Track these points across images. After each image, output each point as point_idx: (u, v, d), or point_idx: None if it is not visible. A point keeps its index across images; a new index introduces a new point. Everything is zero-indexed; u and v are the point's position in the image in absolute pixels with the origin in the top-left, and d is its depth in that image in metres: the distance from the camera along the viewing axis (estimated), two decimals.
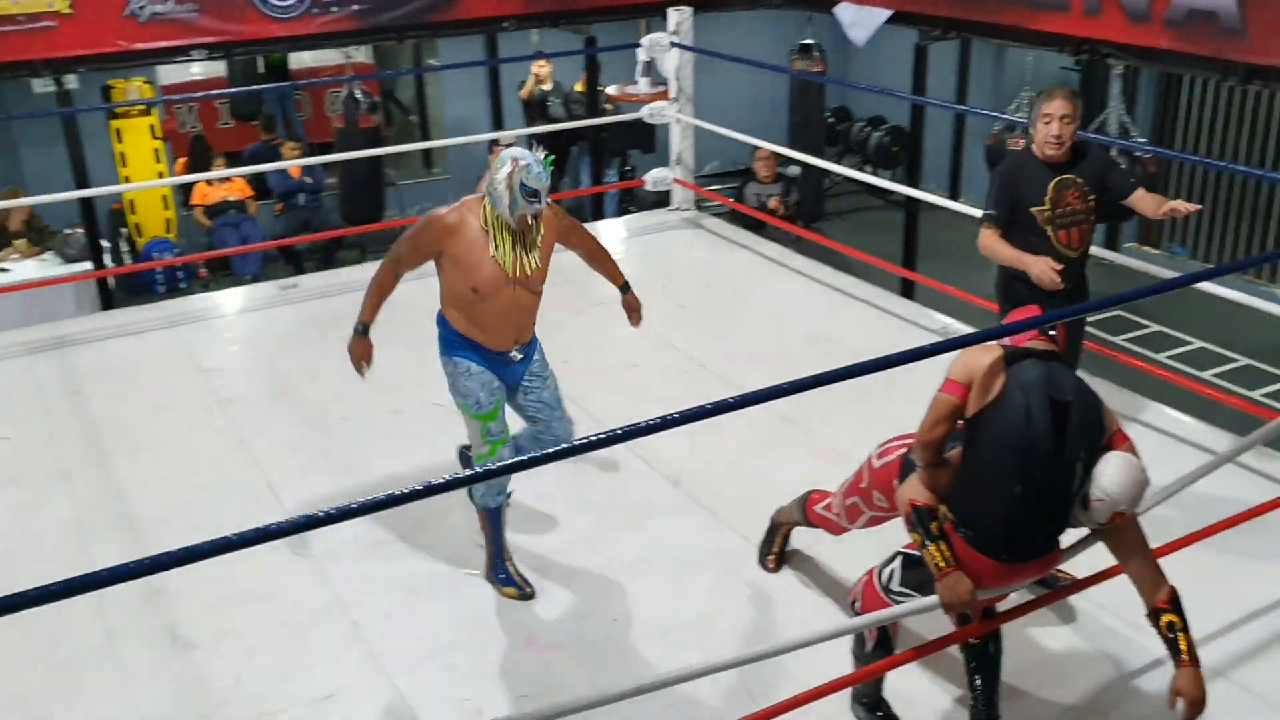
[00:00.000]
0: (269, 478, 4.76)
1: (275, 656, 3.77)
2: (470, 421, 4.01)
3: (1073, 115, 4.11)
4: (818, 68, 10.23)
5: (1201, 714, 2.96)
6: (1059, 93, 4.14)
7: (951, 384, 3.06)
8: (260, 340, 6.35)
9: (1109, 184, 4.27)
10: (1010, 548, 3.05)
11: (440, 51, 11.89)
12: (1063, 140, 4.10)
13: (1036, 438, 2.92)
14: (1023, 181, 4.19)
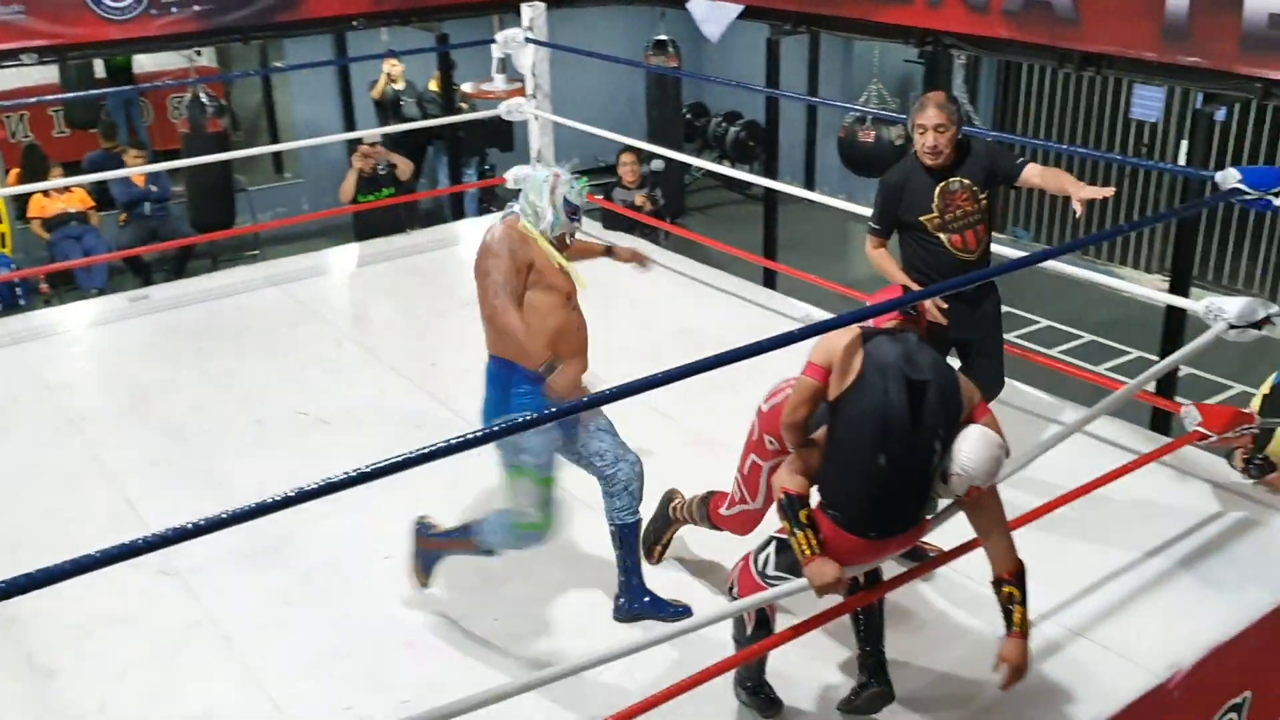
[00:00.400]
0: (128, 494, 4.60)
1: (144, 678, 3.64)
2: (528, 488, 3.60)
3: (946, 123, 4.05)
4: (673, 64, 10.33)
5: (1021, 680, 3.13)
6: (931, 101, 4.11)
7: (812, 367, 3.14)
8: (111, 354, 6.13)
9: (997, 173, 4.19)
10: (876, 524, 3.15)
11: (287, 53, 11.62)
12: (939, 149, 4.07)
13: (894, 416, 3.01)
14: (907, 192, 4.18)
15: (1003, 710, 3.42)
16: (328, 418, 5.24)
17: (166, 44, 8.73)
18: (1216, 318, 4.16)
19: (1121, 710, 3.39)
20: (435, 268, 7.23)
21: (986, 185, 4.19)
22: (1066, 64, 6.61)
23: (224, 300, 6.70)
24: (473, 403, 5.19)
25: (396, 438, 4.83)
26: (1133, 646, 3.64)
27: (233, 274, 7.52)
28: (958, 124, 4.10)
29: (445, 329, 6.32)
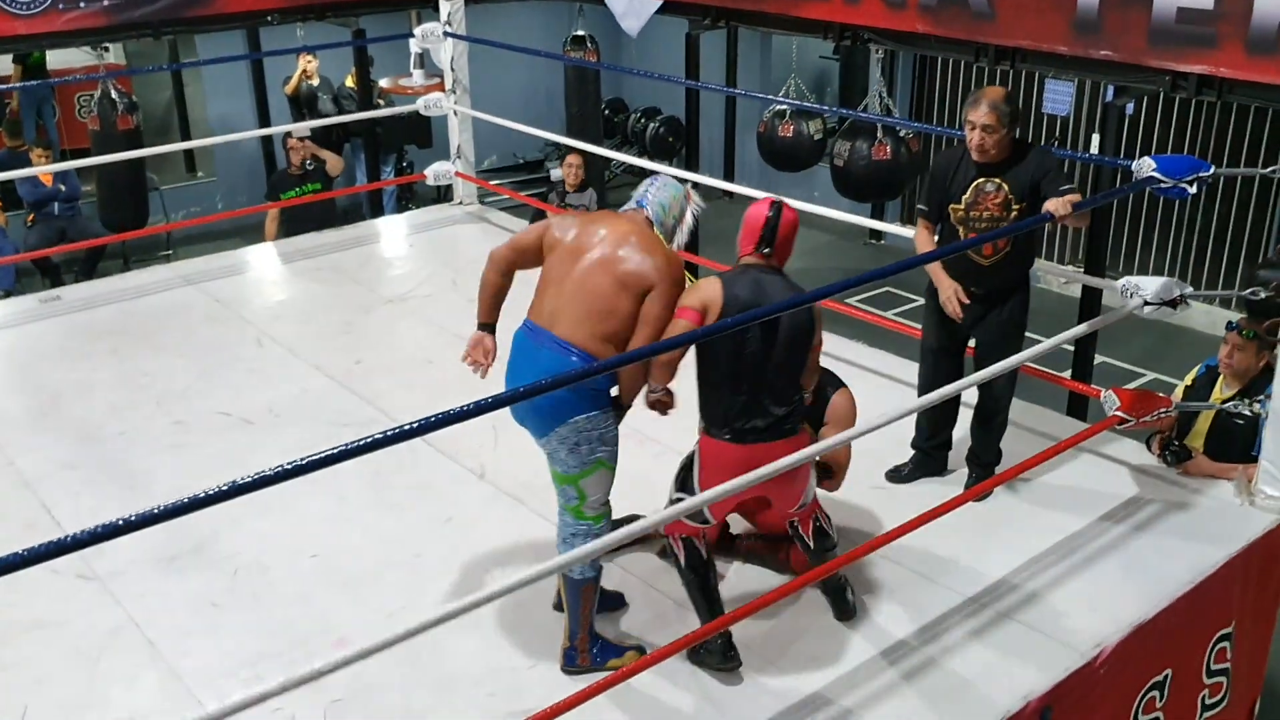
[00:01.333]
0: (43, 499, 4.47)
1: (66, 684, 3.54)
2: (603, 477, 3.50)
3: (995, 124, 3.97)
4: (591, 59, 10.30)
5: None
6: (985, 98, 4.00)
7: (687, 310, 3.41)
8: (21, 356, 5.94)
9: (1042, 191, 4.00)
10: (743, 435, 3.51)
11: (199, 49, 11.37)
12: (985, 149, 4.01)
13: (746, 345, 3.44)
14: (949, 176, 4.17)
15: (934, 691, 3.47)
16: (251, 418, 5.14)
17: (74, 39, 8.47)
18: (1133, 295, 4.26)
19: (1051, 688, 3.46)
20: (356, 265, 7.14)
21: (1025, 197, 4.05)
22: (982, 58, 6.71)
23: (138, 300, 6.55)
24: (407, 398, 5.19)
25: (322, 436, 4.81)
26: (1059, 626, 3.71)
27: (146, 274, 7.35)
28: (1009, 125, 4.02)
29: (368, 326, 6.25)
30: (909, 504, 4.24)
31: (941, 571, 4.00)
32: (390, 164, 11.53)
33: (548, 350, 3.41)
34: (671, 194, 3.62)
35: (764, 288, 3.47)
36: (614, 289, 3.39)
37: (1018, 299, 4.28)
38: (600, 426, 3.43)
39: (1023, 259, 4.25)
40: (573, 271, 3.45)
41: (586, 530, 3.51)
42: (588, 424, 3.40)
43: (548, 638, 3.74)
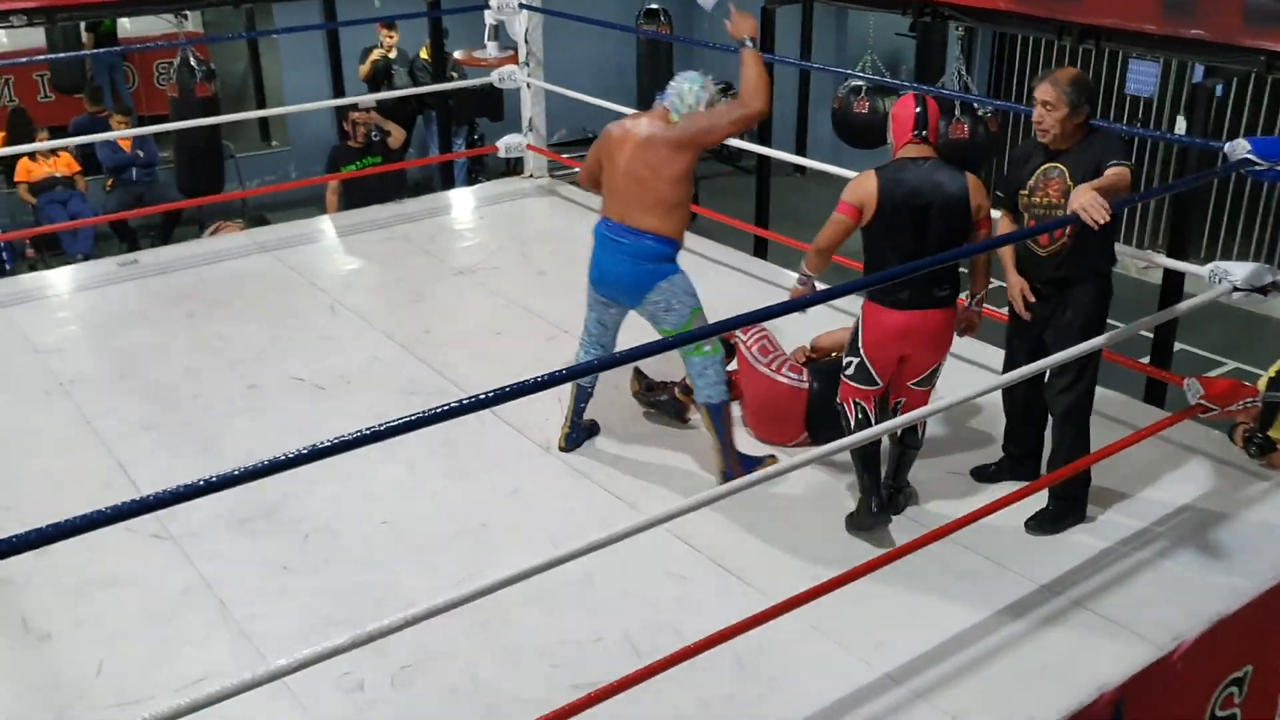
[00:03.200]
0: (120, 458, 4.54)
1: (139, 642, 3.59)
2: (700, 319, 4.19)
3: (1054, 101, 3.83)
4: (665, 33, 10.24)
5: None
6: (1048, 75, 3.92)
7: (845, 205, 3.92)
8: (100, 319, 6.04)
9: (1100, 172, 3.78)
10: (905, 303, 3.94)
11: (275, 18, 11.48)
12: (1044, 127, 3.88)
13: (910, 223, 3.89)
14: (1022, 162, 4.05)
15: (1007, 681, 3.41)
16: (322, 383, 5.18)
17: (155, 6, 8.60)
18: (1222, 280, 4.12)
19: (1125, 680, 3.38)
20: (426, 236, 7.16)
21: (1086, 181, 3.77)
22: (1065, 36, 6.56)
23: (214, 266, 6.62)
24: (475, 368, 5.21)
25: (392, 404, 4.85)
26: (1136, 618, 3.63)
27: (222, 240, 7.45)
28: (1071, 106, 3.82)
29: (438, 297, 6.27)
30: (984, 490, 4.18)
31: (1015, 558, 3.93)
32: (461, 136, 11.56)
33: (624, 239, 4.18)
34: (688, 85, 4.17)
35: (927, 173, 3.90)
36: (652, 176, 4.11)
37: (1087, 298, 3.96)
38: (680, 283, 4.18)
39: (1086, 252, 3.92)
40: (619, 174, 4.20)
41: (710, 361, 4.21)
42: (669, 285, 4.16)
43: (612, 612, 3.74)
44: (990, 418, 4.68)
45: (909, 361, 4.05)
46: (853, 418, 4.11)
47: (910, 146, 3.96)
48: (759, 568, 3.92)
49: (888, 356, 4.02)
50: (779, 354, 4.71)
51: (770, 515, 4.18)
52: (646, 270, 4.15)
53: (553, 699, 3.13)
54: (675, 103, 4.15)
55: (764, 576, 3.86)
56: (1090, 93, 3.91)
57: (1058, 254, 3.95)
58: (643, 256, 4.16)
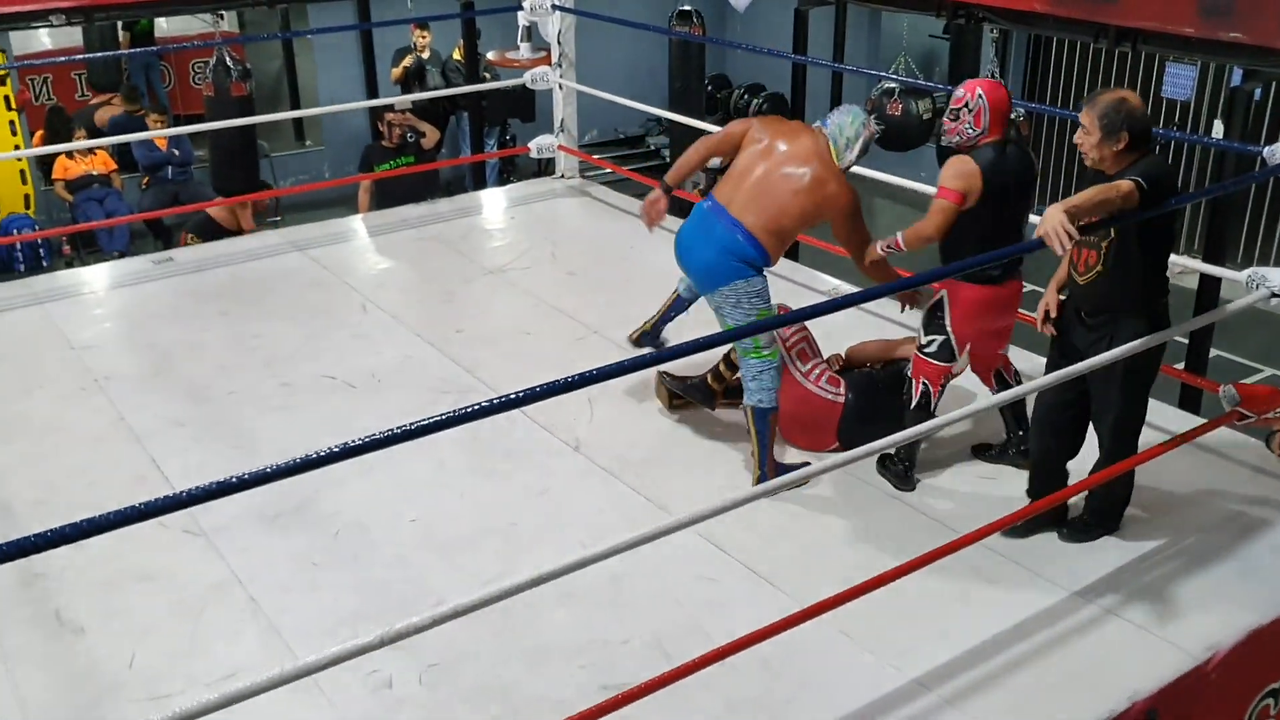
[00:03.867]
0: (152, 454, 4.57)
1: (170, 636, 3.62)
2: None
3: (1089, 126, 3.64)
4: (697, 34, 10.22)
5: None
6: (1090, 97, 3.73)
7: (952, 194, 4.01)
8: (135, 315, 6.10)
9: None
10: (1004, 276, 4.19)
11: (310, 19, 11.55)
12: (1084, 150, 3.70)
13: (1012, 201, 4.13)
14: (1083, 184, 3.84)
15: (1037, 689, 3.39)
16: (354, 381, 5.21)
17: (191, 6, 8.66)
18: (1259, 285, 4.08)
19: (1159, 690, 3.34)
20: (458, 236, 7.18)
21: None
22: (1101, 39, 6.49)
23: (247, 264, 6.67)
24: (504, 368, 5.22)
25: (423, 402, 4.88)
26: (1170, 627, 3.59)
27: (256, 239, 7.50)
28: (1104, 131, 3.61)
29: (469, 296, 6.29)
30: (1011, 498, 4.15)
31: (1046, 564, 3.90)
32: (493, 137, 11.60)
33: (723, 224, 4.23)
34: (849, 119, 4.28)
35: (1015, 156, 4.11)
36: (788, 196, 4.20)
37: (1130, 334, 3.72)
38: (754, 287, 4.23)
39: (1127, 281, 3.71)
40: (758, 169, 4.25)
41: (767, 365, 4.27)
42: (746, 286, 4.21)
43: (641, 613, 3.73)
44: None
45: (998, 334, 4.30)
46: (916, 396, 4.30)
47: (999, 131, 4.11)
48: (788, 571, 3.91)
49: (975, 331, 4.21)
50: (818, 361, 4.67)
51: (800, 519, 4.17)
52: (729, 266, 4.21)
53: (581, 700, 3.14)
54: (835, 133, 4.26)
55: (793, 580, 3.84)
56: (1130, 118, 3.61)
57: (1094, 282, 3.77)
58: (731, 251, 4.21)
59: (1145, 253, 3.70)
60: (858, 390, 4.56)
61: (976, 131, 4.07)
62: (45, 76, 11.61)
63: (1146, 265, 3.74)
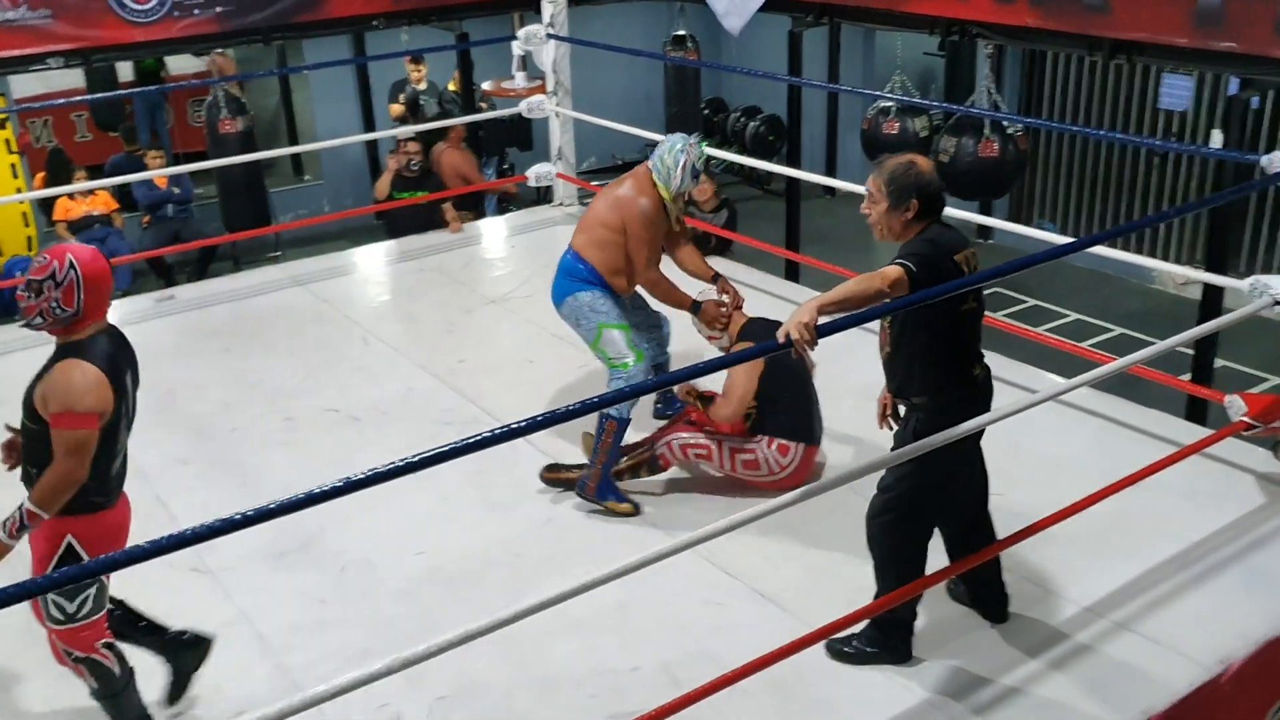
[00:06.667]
0: (158, 492, 4.57)
1: None
2: (614, 336, 4.49)
3: (875, 193, 3.34)
4: (692, 59, 10.27)
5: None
6: (877, 162, 3.46)
7: (66, 417, 3.09)
8: (138, 354, 6.06)
9: None
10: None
11: (306, 55, 11.61)
12: (871, 222, 3.37)
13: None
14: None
15: (1051, 705, 3.36)
16: (357, 415, 5.21)
17: (188, 45, 8.72)
18: (1262, 294, 4.06)
19: (1173, 704, 3.32)
20: (458, 266, 7.20)
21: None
22: (1096, 52, 6.53)
23: (249, 300, 6.69)
24: (507, 398, 5.22)
25: (427, 434, 4.87)
26: (1182, 640, 3.57)
27: (256, 274, 7.51)
28: (892, 200, 3.30)
29: (471, 326, 6.30)
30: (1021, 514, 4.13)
31: (1056, 581, 3.88)
32: (492, 166, 11.62)
33: (565, 256, 4.63)
34: (667, 149, 4.50)
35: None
36: (603, 212, 4.55)
37: (915, 420, 3.41)
38: (587, 300, 4.51)
39: (909, 366, 3.39)
40: (590, 208, 4.68)
41: (617, 375, 4.48)
42: (575, 301, 4.53)
43: (649, 641, 3.72)
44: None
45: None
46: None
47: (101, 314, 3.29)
48: (795, 593, 3.90)
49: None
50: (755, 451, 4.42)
51: (804, 540, 4.15)
52: (562, 284, 4.60)
53: None
54: (656, 164, 4.51)
55: (801, 601, 3.83)
56: (919, 183, 3.28)
57: (887, 362, 3.47)
58: (565, 271, 4.60)
59: (925, 336, 3.33)
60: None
61: (67, 313, 3.15)
62: (45, 119, 11.67)
63: (931, 350, 3.36)
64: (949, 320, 3.28)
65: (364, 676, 2.67)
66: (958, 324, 3.34)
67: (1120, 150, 10.62)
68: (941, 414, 3.35)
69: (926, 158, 3.45)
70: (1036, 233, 5.88)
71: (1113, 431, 4.86)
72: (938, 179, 3.37)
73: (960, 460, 3.47)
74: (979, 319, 3.42)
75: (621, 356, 4.46)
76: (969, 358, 3.42)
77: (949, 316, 3.27)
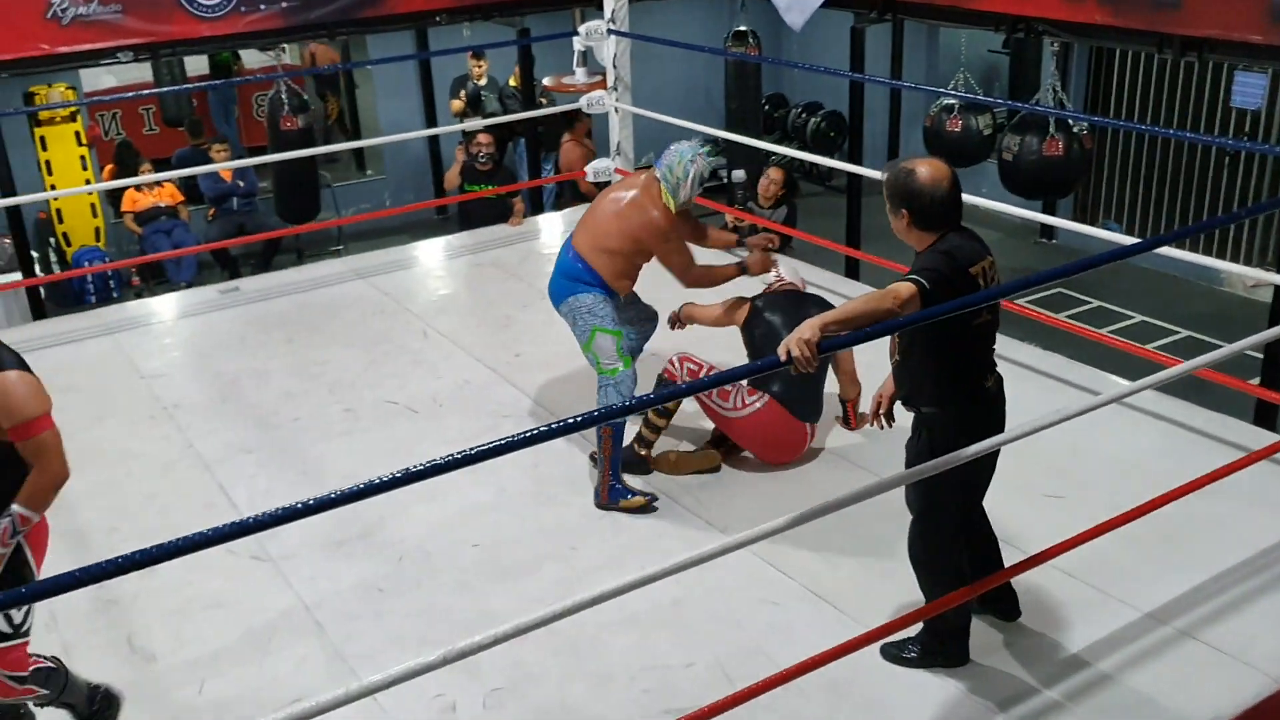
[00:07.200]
0: (220, 480, 4.64)
1: (239, 662, 3.66)
2: (605, 342, 4.52)
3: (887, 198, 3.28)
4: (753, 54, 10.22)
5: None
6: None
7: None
8: (202, 344, 6.20)
9: None
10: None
11: (369, 50, 11.72)
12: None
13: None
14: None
15: (1111, 713, 3.31)
16: (415, 406, 5.25)
17: (254, 40, 8.82)
18: None
19: (1237, 716, 3.25)
20: (516, 260, 7.23)
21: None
22: (1166, 49, 6.41)
23: (312, 293, 6.77)
24: (564, 391, 5.25)
25: (484, 427, 4.91)
26: (1248, 649, 3.49)
27: (319, 267, 7.61)
28: (889, 203, 3.26)
29: (527, 321, 6.31)
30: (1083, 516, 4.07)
31: (1119, 585, 3.82)
32: (550, 162, 11.66)
33: (564, 253, 4.65)
34: (676, 157, 4.44)
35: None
36: (608, 219, 4.54)
37: (927, 430, 3.34)
38: (587, 303, 4.53)
39: (916, 373, 3.33)
40: (597, 207, 4.67)
41: (607, 381, 4.51)
42: (576, 302, 4.55)
43: (704, 638, 3.71)
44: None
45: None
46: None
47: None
48: (852, 594, 3.87)
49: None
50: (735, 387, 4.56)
51: (861, 539, 4.12)
52: (562, 285, 4.63)
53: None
54: (665, 174, 4.45)
55: (857, 603, 3.80)
56: (908, 193, 3.19)
57: (896, 368, 3.42)
58: (565, 272, 4.62)
59: (934, 349, 3.25)
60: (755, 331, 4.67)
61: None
62: (114, 112, 11.89)
63: (941, 363, 3.28)
64: (960, 334, 3.18)
65: (419, 666, 2.68)
66: (969, 337, 3.23)
67: (1189, 149, 10.41)
68: (953, 426, 3.28)
69: (942, 164, 3.23)
70: (1100, 232, 5.79)
71: (1179, 435, 4.77)
72: (943, 189, 3.18)
73: (981, 469, 3.40)
74: (993, 331, 3.33)
75: (611, 363, 4.50)
76: (980, 369, 3.33)
77: (961, 330, 3.16)
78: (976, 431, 3.26)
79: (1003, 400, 3.40)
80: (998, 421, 3.36)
